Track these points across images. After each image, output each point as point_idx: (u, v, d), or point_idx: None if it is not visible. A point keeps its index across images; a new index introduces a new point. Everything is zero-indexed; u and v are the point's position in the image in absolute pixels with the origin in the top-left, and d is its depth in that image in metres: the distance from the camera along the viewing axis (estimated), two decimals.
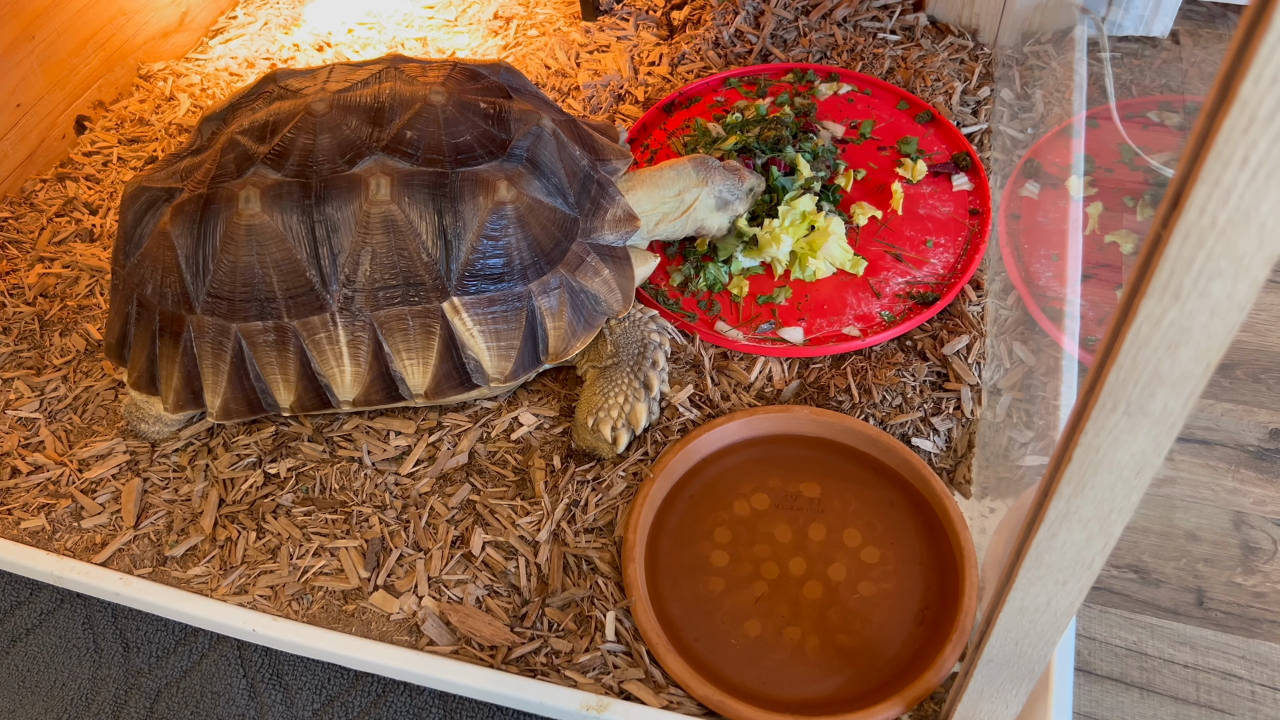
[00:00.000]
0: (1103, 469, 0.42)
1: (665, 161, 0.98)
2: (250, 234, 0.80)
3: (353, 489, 0.87)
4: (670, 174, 0.95)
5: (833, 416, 0.85)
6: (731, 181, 0.96)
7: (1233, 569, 0.86)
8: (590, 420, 0.85)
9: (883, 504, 0.82)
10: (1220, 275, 0.33)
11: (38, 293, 1.09)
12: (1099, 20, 1.20)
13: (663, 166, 0.96)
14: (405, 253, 0.81)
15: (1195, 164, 0.31)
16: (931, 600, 0.76)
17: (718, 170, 0.96)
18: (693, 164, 0.96)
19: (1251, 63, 0.28)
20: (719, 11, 1.29)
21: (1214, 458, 0.93)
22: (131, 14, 1.36)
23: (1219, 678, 0.80)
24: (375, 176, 0.80)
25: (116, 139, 1.28)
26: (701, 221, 0.97)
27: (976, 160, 1.05)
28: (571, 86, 1.25)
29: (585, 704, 0.71)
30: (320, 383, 0.84)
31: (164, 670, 0.81)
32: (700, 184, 0.95)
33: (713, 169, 0.96)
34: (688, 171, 0.95)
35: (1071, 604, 0.50)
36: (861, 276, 0.97)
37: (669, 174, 0.95)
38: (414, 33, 1.41)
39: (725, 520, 0.82)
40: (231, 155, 0.83)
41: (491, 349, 0.84)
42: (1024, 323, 0.94)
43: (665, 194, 0.95)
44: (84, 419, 0.96)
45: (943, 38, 1.22)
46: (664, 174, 0.95)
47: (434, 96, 0.84)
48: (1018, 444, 0.85)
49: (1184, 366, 0.37)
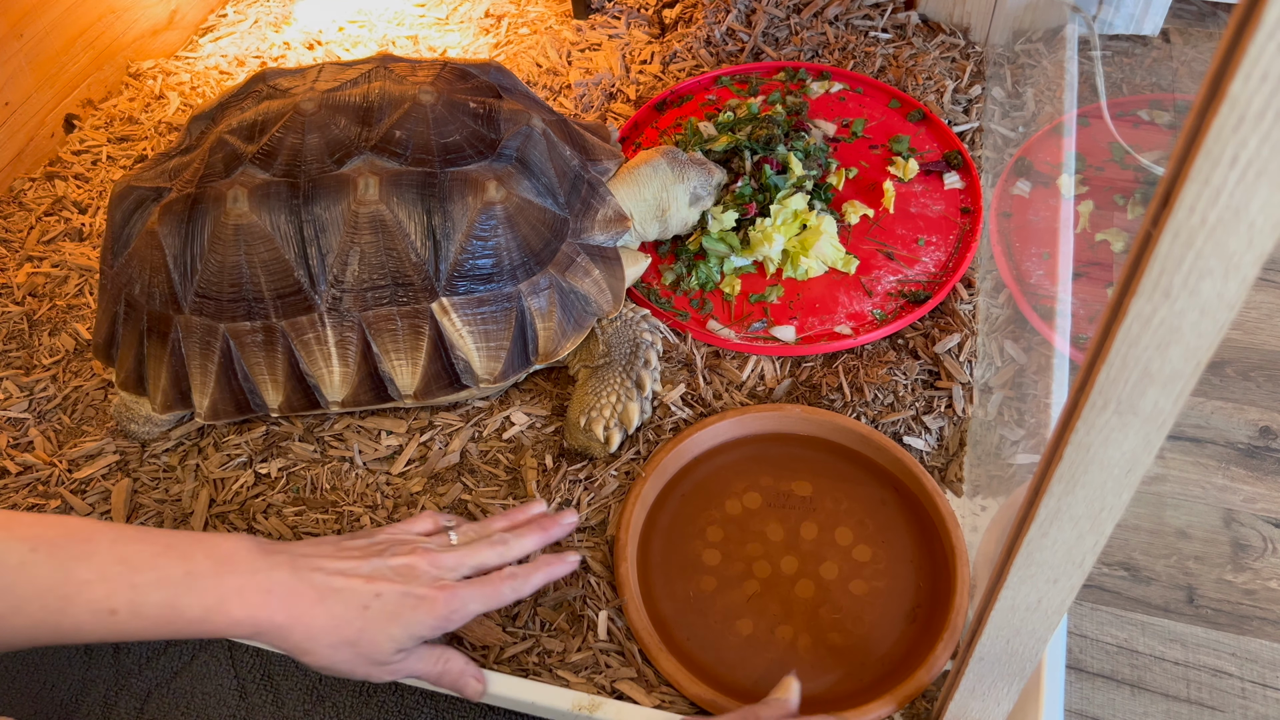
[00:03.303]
0: (1094, 467, 0.42)
1: (638, 156, 0.97)
2: (238, 234, 0.80)
3: (344, 489, 0.87)
4: (646, 170, 0.95)
5: (824, 415, 0.85)
6: (704, 175, 0.96)
7: (1223, 566, 0.86)
8: (582, 419, 0.85)
9: (874, 502, 0.82)
10: (1210, 274, 0.33)
11: (26, 292, 1.08)
12: (1090, 19, 1.20)
13: (638, 163, 0.96)
14: (394, 253, 0.81)
15: (1185, 162, 0.31)
16: (923, 598, 0.76)
17: (689, 165, 0.96)
18: (665, 158, 0.96)
19: (1241, 61, 0.28)
20: (710, 10, 1.29)
21: (1204, 455, 0.93)
22: (121, 12, 1.35)
23: (1210, 675, 0.80)
24: (364, 176, 0.80)
25: (106, 137, 1.27)
26: (681, 217, 0.97)
27: (968, 158, 1.05)
28: (563, 85, 1.25)
29: (577, 704, 0.71)
30: (309, 383, 0.84)
31: (154, 671, 0.81)
32: (676, 180, 0.95)
33: (685, 163, 0.96)
34: (662, 167, 0.95)
35: (1063, 602, 0.51)
36: (853, 275, 0.97)
37: (645, 170, 0.95)
38: (405, 31, 1.40)
39: (717, 519, 0.82)
40: (220, 155, 0.83)
41: (481, 350, 0.84)
42: (1015, 321, 0.94)
43: (645, 192, 0.95)
44: (73, 419, 0.96)
45: (934, 36, 1.22)
46: (641, 171, 0.95)
47: (423, 96, 0.84)
48: (1009, 442, 0.85)
49: (1174, 365, 0.37)
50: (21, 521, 0.57)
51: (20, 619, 0.55)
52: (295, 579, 0.62)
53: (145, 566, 0.58)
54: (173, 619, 0.58)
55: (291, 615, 0.61)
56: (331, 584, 0.63)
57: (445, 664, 0.69)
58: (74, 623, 0.56)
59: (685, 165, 0.96)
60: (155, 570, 0.58)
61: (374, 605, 0.63)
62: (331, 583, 0.63)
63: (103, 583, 0.57)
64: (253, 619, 0.60)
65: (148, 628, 0.58)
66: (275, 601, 0.61)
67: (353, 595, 0.63)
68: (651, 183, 0.95)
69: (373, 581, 0.64)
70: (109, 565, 0.57)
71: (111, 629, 0.57)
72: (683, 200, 0.95)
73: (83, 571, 0.56)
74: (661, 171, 0.95)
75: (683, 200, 0.95)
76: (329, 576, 0.63)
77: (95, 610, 0.56)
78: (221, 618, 0.59)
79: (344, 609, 0.63)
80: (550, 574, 0.72)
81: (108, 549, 0.58)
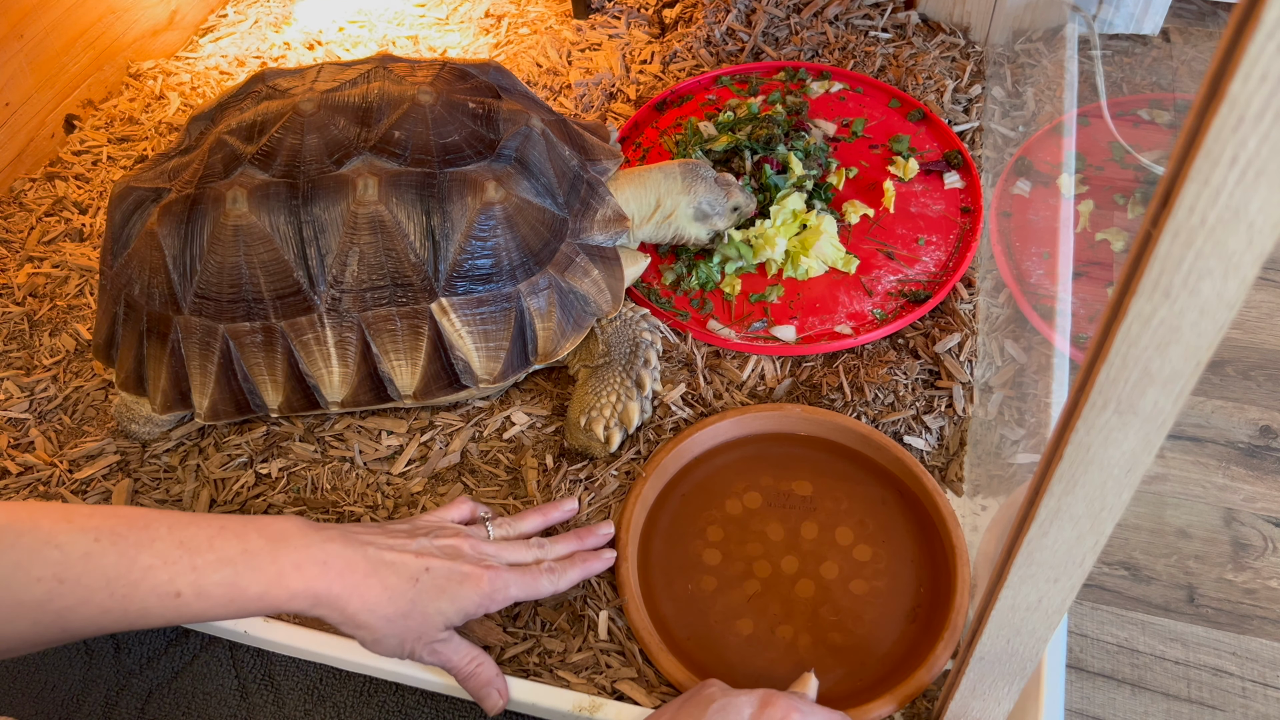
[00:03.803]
0: (1094, 467, 0.42)
1: (658, 164, 0.97)
2: (237, 234, 0.80)
3: (344, 489, 0.87)
4: (657, 175, 0.94)
5: (824, 415, 0.85)
6: (716, 195, 0.94)
7: (1223, 566, 0.86)
8: (583, 419, 0.85)
9: (874, 502, 0.82)
10: (1210, 274, 0.33)
11: (27, 292, 1.08)
12: (1090, 18, 1.20)
13: (651, 167, 0.95)
14: (393, 253, 0.81)
15: (1185, 162, 0.31)
16: (924, 598, 0.76)
17: (704, 181, 0.94)
18: (681, 169, 0.94)
19: (1241, 61, 0.28)
20: (710, 10, 1.29)
21: (1204, 455, 0.93)
22: (121, 12, 1.35)
23: (1210, 674, 0.80)
24: (363, 177, 0.80)
25: (106, 138, 1.27)
26: (679, 229, 0.95)
27: (968, 158, 1.05)
28: (563, 85, 1.25)
29: (578, 705, 0.71)
30: (308, 383, 0.84)
31: (155, 671, 0.81)
32: (684, 191, 0.93)
33: (700, 178, 0.94)
34: (675, 175, 0.94)
35: (1063, 601, 0.51)
36: (854, 275, 0.97)
37: (656, 175, 0.94)
38: (405, 31, 1.40)
39: (718, 519, 0.82)
40: (219, 155, 0.83)
41: (480, 350, 0.84)
42: (1015, 320, 0.94)
43: (648, 196, 0.94)
44: (74, 419, 0.96)
45: (934, 36, 1.22)
46: (651, 175, 0.95)
47: (422, 96, 0.84)
48: (1009, 442, 0.85)
49: (1174, 364, 0.37)
50: (80, 513, 0.58)
51: (89, 608, 0.57)
52: (349, 550, 0.64)
53: (204, 548, 0.59)
54: (235, 597, 0.60)
55: (347, 586, 0.63)
56: (383, 558, 0.65)
57: (478, 666, 0.70)
58: (141, 608, 0.58)
59: (698, 180, 0.94)
60: (214, 551, 0.60)
61: (424, 579, 0.66)
62: (383, 556, 0.65)
63: (165, 567, 0.58)
64: (310, 590, 0.62)
65: (210, 608, 0.59)
66: (332, 573, 0.62)
67: (404, 568, 0.65)
68: (659, 187, 0.94)
69: (422, 557, 0.66)
70: (170, 549, 0.59)
71: (178, 611, 0.59)
72: (685, 212, 0.94)
73: (145, 558, 0.58)
74: (672, 178, 0.94)
75: (685, 212, 0.94)
76: (380, 551, 0.65)
77: (161, 594, 0.58)
78: (281, 591, 0.61)
79: (396, 580, 0.65)
80: (586, 570, 0.75)
81: (167, 534, 0.59)
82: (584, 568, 0.74)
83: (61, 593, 0.55)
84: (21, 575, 0.55)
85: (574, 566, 0.74)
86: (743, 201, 0.95)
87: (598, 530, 0.78)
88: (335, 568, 0.63)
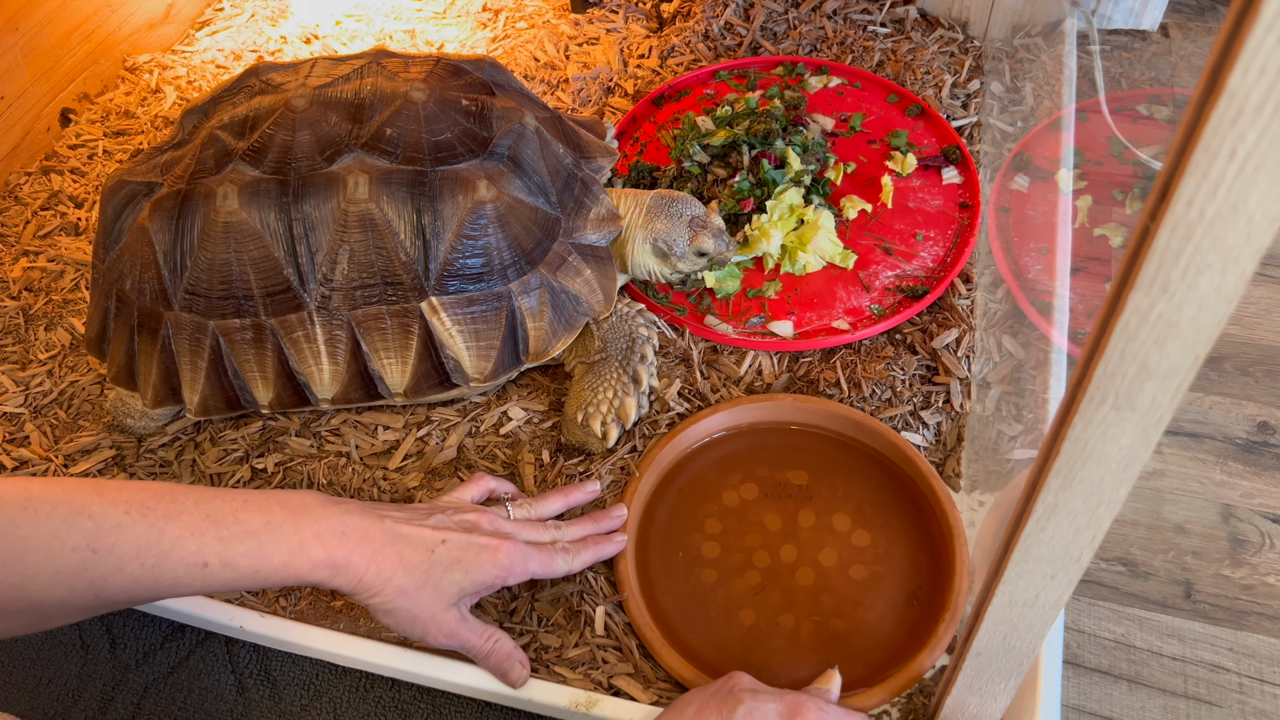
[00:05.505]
0: (1091, 462, 0.42)
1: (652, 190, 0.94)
2: (228, 231, 0.79)
3: (340, 484, 0.86)
4: (631, 200, 0.92)
5: (817, 403, 0.85)
6: (678, 234, 0.89)
7: (1221, 561, 0.86)
8: (579, 415, 0.85)
9: (870, 487, 0.82)
10: (1208, 268, 0.33)
11: (22, 286, 1.08)
12: (1089, 13, 1.20)
13: (637, 191, 0.93)
14: (383, 252, 0.80)
15: (1183, 157, 0.31)
16: (923, 580, 0.76)
17: (672, 218, 0.90)
18: (654, 199, 0.91)
19: (1239, 54, 0.28)
20: (709, 4, 1.28)
21: (1202, 450, 0.93)
22: (117, 6, 1.35)
23: (1207, 670, 0.80)
24: (354, 174, 0.80)
25: (102, 132, 1.27)
26: (642, 261, 0.92)
27: (966, 153, 1.05)
28: (561, 79, 1.24)
29: (575, 700, 0.71)
30: (299, 381, 0.84)
31: (151, 666, 0.80)
32: (643, 224, 0.91)
33: (666, 214, 0.90)
34: (644, 204, 0.91)
35: (1060, 597, 0.50)
36: (851, 270, 0.97)
37: (631, 199, 0.92)
38: (402, 25, 1.40)
39: (715, 511, 0.82)
40: (211, 151, 0.83)
41: (471, 349, 0.83)
42: (1013, 316, 0.94)
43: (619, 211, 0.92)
44: (69, 414, 0.95)
45: (933, 31, 1.22)
46: (628, 197, 0.92)
47: (415, 93, 0.83)
48: (1007, 437, 0.85)
49: (1172, 360, 0.37)
50: (110, 487, 0.60)
51: (122, 578, 0.58)
52: (367, 522, 0.66)
53: (229, 520, 0.61)
54: (260, 567, 0.61)
55: (365, 555, 0.64)
56: (400, 530, 0.67)
57: (495, 643, 0.71)
58: (171, 578, 0.59)
59: (662, 215, 0.89)
60: (238, 523, 0.61)
61: (440, 550, 0.67)
62: (400, 529, 0.67)
63: (193, 538, 0.60)
64: (330, 559, 0.63)
65: (237, 577, 0.61)
66: (351, 542, 0.64)
67: (420, 540, 0.67)
68: (630, 211, 0.92)
69: (439, 530, 0.68)
70: (197, 521, 0.60)
71: (205, 581, 0.60)
72: (642, 246, 0.91)
73: (174, 529, 0.59)
74: (640, 206, 0.91)
75: (642, 246, 0.91)
76: (397, 524, 0.67)
77: (189, 564, 0.60)
78: (303, 560, 0.62)
79: (412, 551, 0.66)
80: (599, 553, 0.76)
81: (193, 508, 0.61)
82: (596, 550, 0.76)
83: (95, 562, 0.57)
84: (58, 544, 0.56)
85: (587, 549, 0.75)
86: (712, 249, 0.90)
87: (612, 513, 0.79)
88: (353, 538, 0.64)
